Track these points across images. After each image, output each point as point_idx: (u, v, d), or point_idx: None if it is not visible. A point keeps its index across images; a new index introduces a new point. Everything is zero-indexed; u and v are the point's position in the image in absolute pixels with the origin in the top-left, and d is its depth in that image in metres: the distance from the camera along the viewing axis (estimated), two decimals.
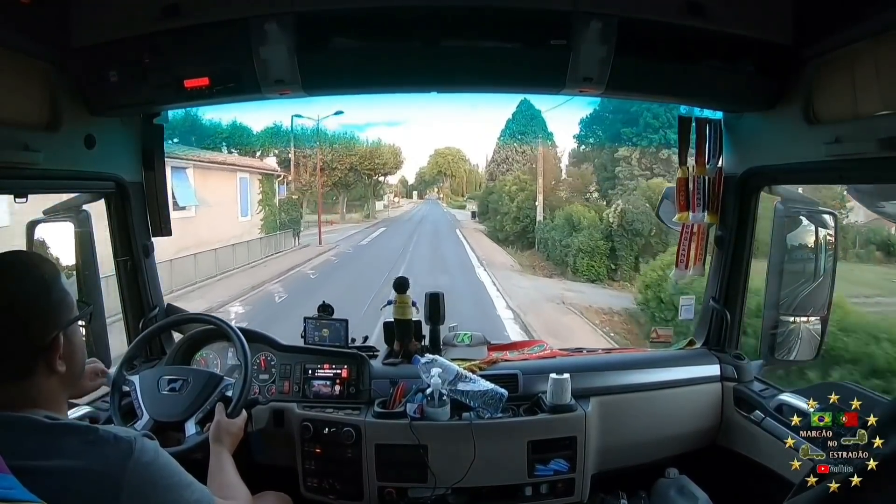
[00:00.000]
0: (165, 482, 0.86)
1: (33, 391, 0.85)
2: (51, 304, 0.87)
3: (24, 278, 0.86)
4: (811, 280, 1.80)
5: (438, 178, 30.87)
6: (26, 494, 0.72)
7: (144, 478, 0.83)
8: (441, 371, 1.64)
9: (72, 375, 0.91)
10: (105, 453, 0.81)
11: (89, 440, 0.82)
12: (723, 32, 1.45)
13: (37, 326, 0.85)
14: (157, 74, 1.49)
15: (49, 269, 0.90)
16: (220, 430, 1.36)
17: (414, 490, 1.64)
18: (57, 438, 0.81)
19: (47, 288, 0.87)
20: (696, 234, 1.91)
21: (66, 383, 0.91)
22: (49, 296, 0.87)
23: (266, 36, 1.40)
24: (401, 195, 32.80)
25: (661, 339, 2.18)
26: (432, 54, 1.49)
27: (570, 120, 18.17)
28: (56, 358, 0.86)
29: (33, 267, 0.89)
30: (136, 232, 1.85)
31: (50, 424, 0.82)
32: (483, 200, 23.29)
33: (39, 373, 0.85)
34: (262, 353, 1.84)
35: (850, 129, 1.33)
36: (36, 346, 0.85)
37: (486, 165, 23.65)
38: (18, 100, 1.36)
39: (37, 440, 0.80)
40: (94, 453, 0.81)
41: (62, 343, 0.87)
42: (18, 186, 1.45)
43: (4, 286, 0.84)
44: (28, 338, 0.84)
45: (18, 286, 0.85)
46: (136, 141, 1.83)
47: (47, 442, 0.80)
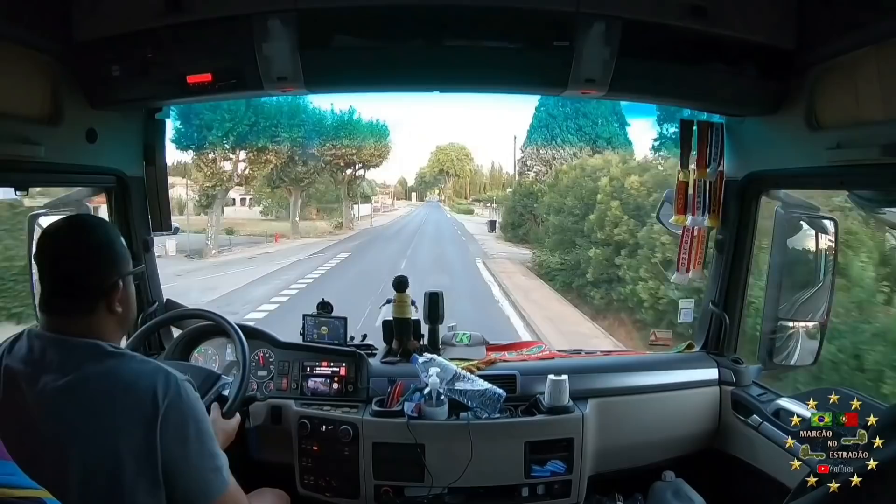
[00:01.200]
0: (198, 426, 1.00)
1: (95, 326, 1.01)
2: (114, 254, 1.05)
3: (94, 233, 1.05)
4: (811, 285, 1.80)
5: (440, 177, 27.95)
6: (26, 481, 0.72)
7: (182, 411, 0.97)
8: (439, 370, 1.64)
9: (126, 318, 1.08)
10: (152, 379, 0.96)
11: (140, 367, 0.98)
12: (726, 36, 1.45)
13: (102, 271, 1.02)
14: (160, 69, 1.49)
15: (112, 229, 1.12)
16: (216, 427, 1.36)
17: (410, 489, 1.64)
18: (111, 362, 0.97)
19: (111, 241, 1.06)
20: (697, 237, 1.91)
21: (122, 324, 1.08)
22: (113, 247, 1.05)
23: (269, 33, 1.40)
24: (398, 196, 29.97)
25: (659, 342, 2.18)
26: (435, 54, 1.49)
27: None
28: (115, 299, 1.03)
29: (100, 225, 1.10)
30: (136, 227, 1.85)
31: (111, 350, 0.99)
32: (514, 204, 15.34)
33: (101, 310, 1.01)
34: (261, 349, 1.84)
35: (851, 134, 1.33)
36: (101, 288, 1.01)
37: (520, 156, 15.93)
38: (20, 93, 1.36)
39: (93, 361, 0.96)
40: (143, 378, 0.96)
41: (121, 288, 1.04)
42: (19, 180, 1.45)
43: (79, 237, 1.03)
44: (95, 280, 1.01)
45: (89, 238, 1.04)
46: (138, 135, 1.83)
47: (102, 364, 0.96)
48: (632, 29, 1.41)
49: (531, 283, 10.78)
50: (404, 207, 29.11)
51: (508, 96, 2.59)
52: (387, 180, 29.43)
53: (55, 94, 1.45)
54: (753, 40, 1.47)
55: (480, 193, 26.82)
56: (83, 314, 1.00)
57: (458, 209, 26.94)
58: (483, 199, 26.28)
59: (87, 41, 1.45)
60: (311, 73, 1.47)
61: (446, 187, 28.47)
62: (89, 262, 1.02)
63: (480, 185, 27.30)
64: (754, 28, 1.45)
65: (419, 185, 30.05)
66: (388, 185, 29.62)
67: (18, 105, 1.36)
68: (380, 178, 27.12)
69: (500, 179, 25.77)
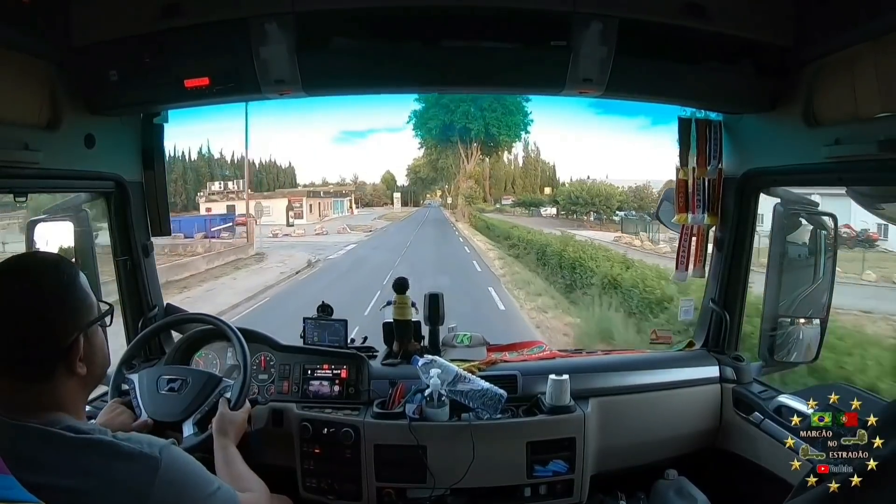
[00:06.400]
0: (192, 492, 0.86)
1: (53, 393, 0.83)
2: (71, 304, 0.85)
3: (44, 279, 0.84)
4: (810, 282, 1.80)
5: (442, 174, 18.65)
6: (25, 494, 0.72)
7: (171, 492, 0.82)
8: (440, 372, 1.64)
9: (92, 377, 0.89)
10: (130, 471, 0.80)
11: (113, 458, 0.80)
12: (723, 34, 1.45)
13: (57, 328, 0.83)
14: (158, 74, 1.49)
15: (69, 270, 0.88)
16: (224, 421, 1.36)
17: (413, 491, 1.64)
18: (79, 455, 0.79)
19: (67, 288, 0.85)
20: (696, 235, 1.91)
21: (86, 386, 0.90)
22: (69, 296, 0.85)
23: (266, 36, 1.40)
24: (377, 202, 20.02)
25: (660, 341, 2.18)
26: (432, 54, 1.49)
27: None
28: (76, 360, 0.84)
29: (53, 267, 0.87)
30: (135, 231, 1.85)
31: (71, 439, 0.79)
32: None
33: (60, 375, 0.83)
34: (262, 353, 1.84)
35: (849, 131, 1.33)
36: (57, 348, 0.83)
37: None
38: (18, 99, 1.36)
39: (57, 456, 0.78)
40: (118, 472, 0.79)
41: (83, 345, 0.85)
42: (18, 185, 1.45)
43: (24, 287, 0.82)
44: (49, 339, 0.82)
45: (38, 287, 0.83)
46: (137, 140, 1.83)
47: (68, 458, 0.78)
48: (629, 28, 1.42)
49: None
50: (357, 233, 15.48)
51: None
52: (327, 176, 18.99)
53: (53, 99, 1.45)
54: (750, 37, 1.47)
55: (528, 194, 17.48)
56: (37, 381, 0.81)
57: (482, 225, 15.14)
58: (526, 202, 16.80)
59: (85, 46, 1.45)
60: (308, 75, 1.47)
61: (456, 187, 17.86)
62: (40, 320, 0.81)
63: (507, 181, 18.42)
64: (751, 25, 1.45)
65: (414, 183, 20.62)
66: (344, 185, 18.87)
67: (16, 111, 1.35)
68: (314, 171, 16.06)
69: (536, 173, 17.55)
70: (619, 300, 8.71)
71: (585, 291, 10.10)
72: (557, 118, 17.05)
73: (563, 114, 17.31)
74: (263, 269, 13.16)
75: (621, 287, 8.80)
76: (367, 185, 19.97)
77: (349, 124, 21.54)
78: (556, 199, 17.34)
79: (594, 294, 9.57)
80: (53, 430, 0.79)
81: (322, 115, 19.02)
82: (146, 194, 1.87)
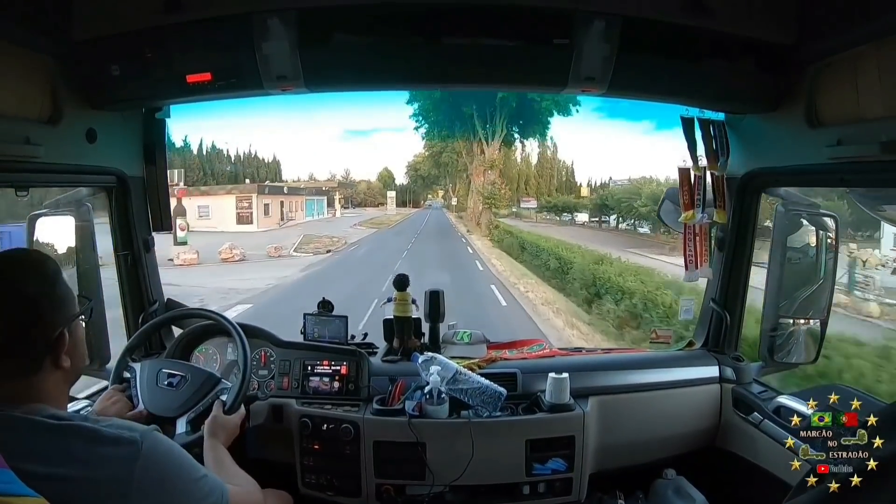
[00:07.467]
0: (174, 478, 0.87)
1: (39, 386, 0.85)
2: (56, 300, 0.88)
3: (30, 276, 0.87)
4: (811, 282, 1.80)
5: (446, 170, 15.97)
6: (23, 489, 0.72)
7: (153, 477, 0.84)
8: (440, 369, 1.64)
9: (74, 370, 0.92)
10: (111, 454, 0.82)
11: (94, 442, 0.82)
12: (725, 32, 1.44)
13: (44, 323, 0.86)
14: (159, 69, 1.49)
15: (52, 266, 0.91)
16: (217, 425, 1.37)
17: (412, 487, 1.64)
18: (61, 441, 0.81)
19: (52, 285, 0.88)
20: (700, 234, 1.90)
21: (70, 378, 0.92)
22: (54, 292, 0.88)
23: (268, 31, 1.40)
24: (376, 204, 17.63)
25: (660, 340, 2.18)
26: (434, 51, 1.49)
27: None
28: (61, 353, 0.87)
29: (38, 264, 0.90)
30: (136, 226, 1.85)
31: (54, 426, 0.82)
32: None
33: (46, 368, 0.86)
34: (262, 348, 1.84)
35: (852, 131, 1.33)
36: (45, 342, 0.86)
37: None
38: (20, 93, 1.36)
39: (40, 442, 0.80)
40: (100, 456, 0.81)
41: (67, 338, 0.88)
42: (19, 180, 1.45)
43: (12, 284, 0.85)
44: (36, 334, 0.85)
45: (25, 284, 0.86)
46: (138, 135, 1.83)
47: (50, 444, 0.80)
48: (631, 26, 1.41)
49: None
50: (302, 255, 10.45)
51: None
52: (318, 174, 15.83)
53: (55, 94, 1.45)
54: (753, 36, 1.46)
55: (552, 196, 14.94)
56: (24, 375, 0.84)
57: (509, 241, 11.30)
58: (557, 205, 13.86)
59: (87, 41, 1.45)
60: (310, 71, 1.47)
61: (466, 181, 14.60)
62: (27, 315, 0.84)
63: (521, 179, 15.65)
64: (754, 24, 1.44)
65: (414, 181, 18.06)
66: (330, 181, 15.88)
67: (18, 105, 1.35)
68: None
69: (552, 173, 14.82)
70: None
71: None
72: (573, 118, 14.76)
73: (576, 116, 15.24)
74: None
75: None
76: (357, 182, 17.36)
77: (352, 124, 21.32)
78: (606, 203, 13.19)
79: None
80: (37, 418, 0.81)
81: (325, 114, 18.51)
82: (147, 189, 1.87)
